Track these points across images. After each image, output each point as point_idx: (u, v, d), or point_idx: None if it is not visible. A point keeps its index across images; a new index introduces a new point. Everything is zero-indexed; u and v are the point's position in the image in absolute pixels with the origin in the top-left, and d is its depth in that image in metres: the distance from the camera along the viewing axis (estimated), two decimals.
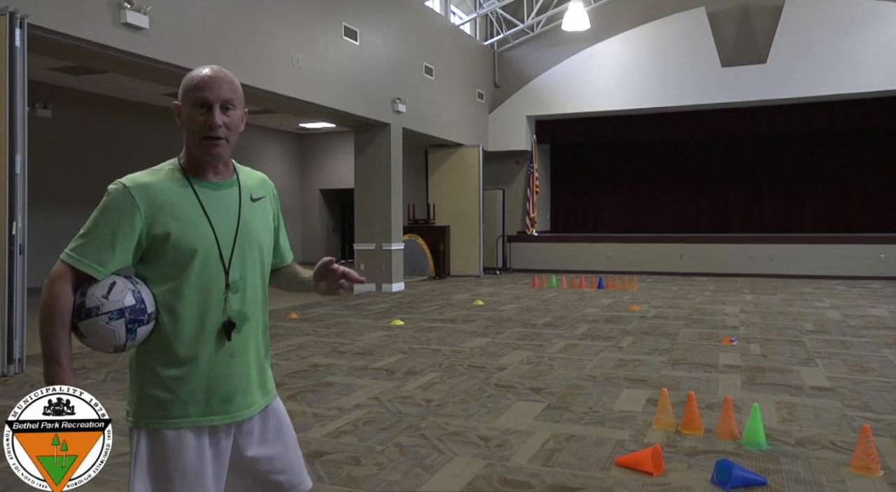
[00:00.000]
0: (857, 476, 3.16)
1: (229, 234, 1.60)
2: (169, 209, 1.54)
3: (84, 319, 1.48)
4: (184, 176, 1.60)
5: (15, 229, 5.35)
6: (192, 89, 1.56)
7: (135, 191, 1.53)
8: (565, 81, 15.02)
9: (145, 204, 1.53)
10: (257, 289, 1.66)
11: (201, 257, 1.55)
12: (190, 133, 1.58)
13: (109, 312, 1.48)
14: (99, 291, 1.49)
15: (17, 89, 5.37)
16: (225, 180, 1.64)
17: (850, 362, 5.68)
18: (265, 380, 1.71)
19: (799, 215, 15.46)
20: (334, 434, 3.85)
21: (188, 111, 1.57)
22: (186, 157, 1.62)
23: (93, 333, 1.49)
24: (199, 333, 1.55)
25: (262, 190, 1.74)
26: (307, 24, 9.38)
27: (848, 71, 12.84)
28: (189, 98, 1.57)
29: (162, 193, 1.55)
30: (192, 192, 1.58)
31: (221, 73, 1.59)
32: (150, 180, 1.56)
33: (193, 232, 1.55)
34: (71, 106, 11.80)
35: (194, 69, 1.62)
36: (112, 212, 1.52)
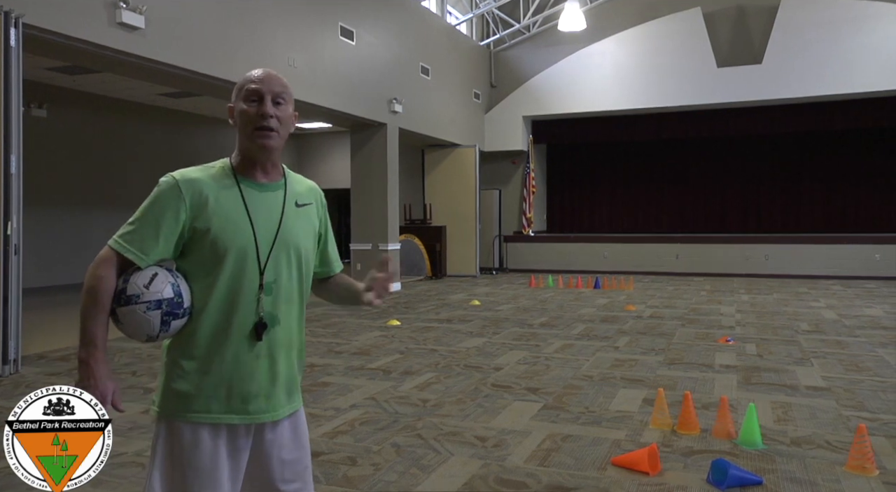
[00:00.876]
0: (853, 475, 3.17)
1: (268, 235, 1.62)
2: (213, 205, 1.58)
3: (123, 305, 1.51)
4: (232, 175, 1.64)
5: (10, 230, 5.32)
6: (245, 84, 1.63)
7: (183, 184, 1.57)
8: (562, 82, 15.03)
9: (191, 198, 1.57)
10: (292, 294, 1.66)
11: (237, 255, 1.57)
12: (242, 127, 1.62)
13: (148, 302, 1.50)
14: (141, 280, 1.52)
15: (12, 89, 5.35)
16: (272, 182, 1.67)
17: (845, 362, 5.69)
18: (292, 388, 1.70)
19: (795, 215, 15.50)
20: (331, 434, 3.85)
21: (240, 106, 1.62)
22: (238, 155, 1.66)
23: (129, 320, 1.51)
24: (227, 329, 1.57)
25: (308, 197, 1.76)
26: (303, 24, 9.37)
27: (843, 71, 12.88)
28: (241, 94, 1.62)
29: (208, 189, 1.59)
30: (237, 191, 1.61)
31: (273, 72, 1.66)
32: (199, 176, 1.60)
33: (233, 229, 1.58)
34: (66, 106, 11.75)
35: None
36: (160, 203, 1.56)
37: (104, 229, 12.41)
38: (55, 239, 11.66)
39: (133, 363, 5.79)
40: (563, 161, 17.27)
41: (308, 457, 1.74)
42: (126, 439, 3.76)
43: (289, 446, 1.68)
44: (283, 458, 1.66)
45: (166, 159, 13.51)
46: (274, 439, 1.65)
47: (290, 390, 1.68)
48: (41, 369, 5.55)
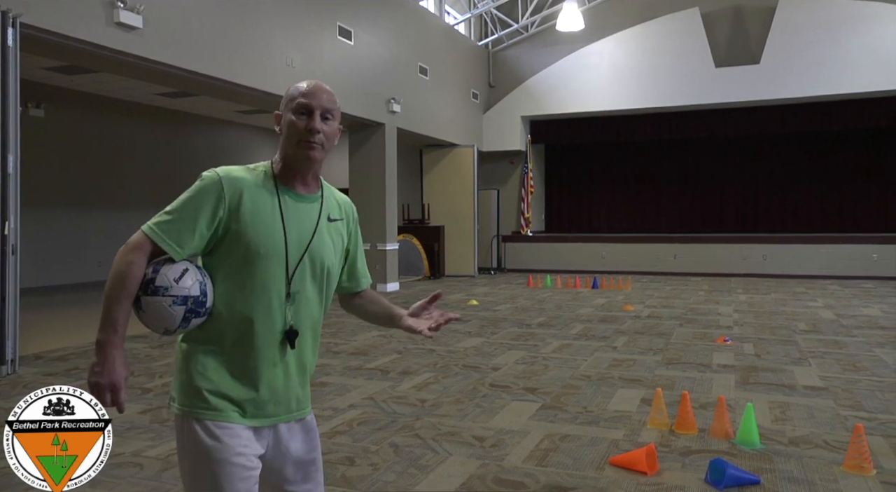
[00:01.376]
0: (850, 475, 3.17)
1: (299, 246, 1.63)
2: (251, 207, 1.58)
3: (150, 294, 1.50)
4: (273, 181, 1.64)
5: (7, 230, 5.32)
6: (296, 97, 1.63)
7: (226, 181, 1.57)
8: (560, 82, 15.04)
9: (231, 196, 1.57)
10: (312, 307, 1.69)
11: (267, 261, 1.57)
12: (288, 137, 1.63)
13: (175, 297, 1.50)
14: (172, 273, 1.51)
15: (10, 89, 5.34)
16: (310, 194, 1.69)
17: (842, 362, 5.70)
18: (303, 395, 1.72)
19: (792, 215, 15.52)
20: (329, 434, 3.85)
21: (290, 117, 1.63)
22: (280, 162, 1.67)
23: (153, 310, 1.51)
24: (251, 334, 1.57)
25: (341, 212, 1.79)
26: (302, 24, 9.36)
27: (841, 71, 12.90)
28: (292, 105, 1.64)
29: (249, 190, 1.59)
30: (276, 198, 1.62)
31: (324, 86, 1.68)
32: (242, 176, 1.61)
33: (267, 235, 1.58)
34: (64, 106, 11.74)
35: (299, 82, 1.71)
36: (201, 196, 1.55)
37: (102, 229, 12.44)
38: (53, 239, 11.65)
39: (130, 363, 5.78)
40: (562, 161, 17.27)
41: (320, 459, 1.77)
42: (123, 439, 3.76)
43: (301, 448, 1.70)
44: (296, 460, 1.68)
45: (164, 159, 13.50)
46: (288, 441, 1.67)
47: (302, 396, 1.71)
48: (38, 370, 5.55)
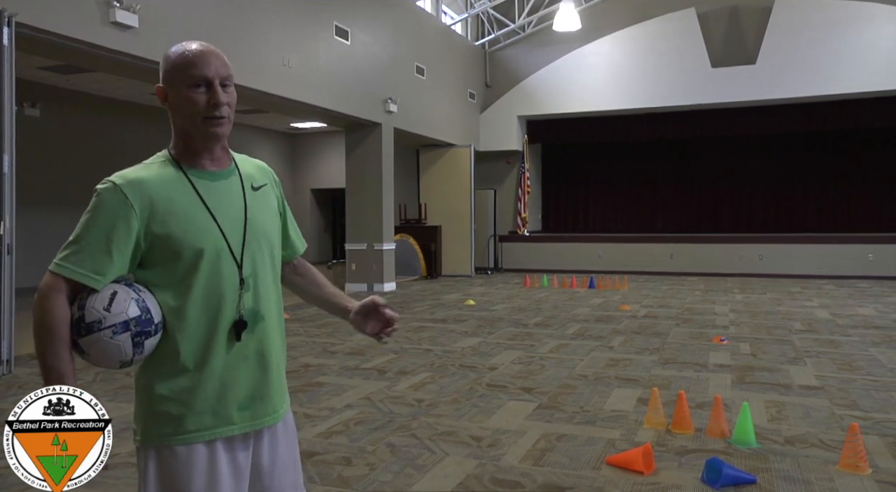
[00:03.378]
0: (846, 474, 3.18)
1: (237, 227, 1.48)
2: (166, 206, 1.41)
3: (85, 335, 1.35)
4: (177, 167, 1.47)
5: (3, 229, 5.30)
6: (186, 67, 1.43)
7: (126, 189, 1.39)
8: (556, 82, 15.05)
9: (139, 202, 1.40)
10: (269, 286, 1.54)
11: (210, 256, 1.43)
12: (186, 116, 1.44)
13: (113, 326, 1.35)
14: (99, 303, 1.36)
15: (5, 88, 5.33)
16: (223, 169, 1.52)
17: (838, 361, 5.72)
18: (283, 384, 1.59)
19: (788, 215, 15.56)
20: (325, 435, 3.84)
21: (183, 92, 1.43)
22: (179, 145, 1.49)
23: (96, 349, 1.36)
24: (212, 337, 1.43)
25: (262, 177, 1.61)
26: (298, 24, 9.35)
27: (837, 72, 12.94)
28: (183, 77, 1.43)
29: (156, 188, 1.42)
30: (188, 184, 1.45)
31: (211, 47, 1.48)
32: (141, 176, 1.43)
33: (197, 229, 1.43)
34: (59, 105, 11.71)
35: (176, 46, 1.47)
36: (104, 214, 1.38)
37: None
38: (48, 239, 11.59)
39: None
40: (558, 161, 17.29)
41: (299, 458, 1.66)
42: (120, 439, 3.75)
43: (285, 449, 1.58)
44: (282, 462, 1.56)
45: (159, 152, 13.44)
46: (273, 443, 1.55)
47: (282, 386, 1.58)
48: (34, 370, 5.53)
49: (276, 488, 1.55)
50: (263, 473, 1.53)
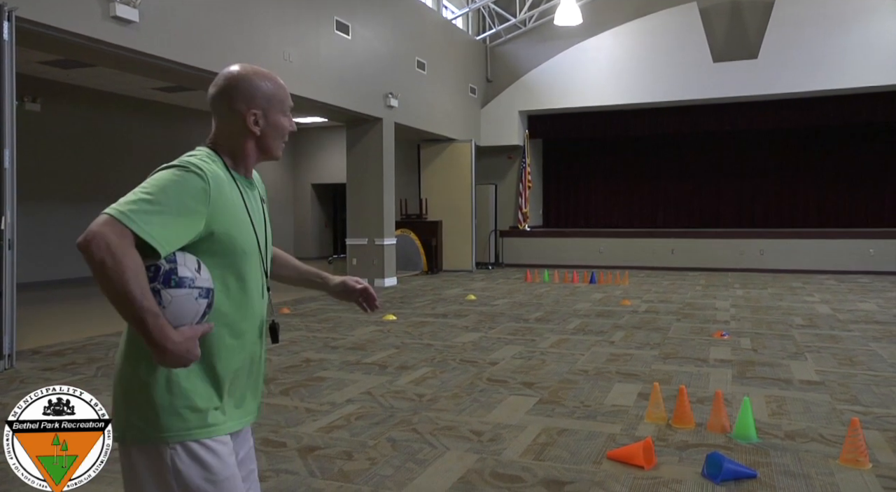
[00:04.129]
0: (846, 469, 3.19)
1: (263, 235, 1.61)
2: (228, 204, 1.47)
3: (175, 287, 1.34)
4: (227, 171, 1.54)
5: (3, 224, 5.30)
6: (284, 98, 1.60)
7: (209, 178, 1.43)
8: (557, 76, 15.02)
9: (214, 194, 1.43)
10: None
11: (248, 259, 1.52)
12: (275, 139, 1.60)
13: (201, 289, 1.38)
14: (190, 263, 1.38)
15: (6, 83, 5.32)
16: (252, 180, 1.65)
17: (839, 356, 5.72)
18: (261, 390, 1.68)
19: (789, 210, 15.54)
20: (326, 429, 3.85)
21: (278, 119, 1.59)
22: (232, 153, 1.57)
23: (178, 303, 1.34)
24: (242, 334, 1.52)
25: (263, 190, 1.75)
26: (298, 19, 9.33)
27: (838, 66, 12.90)
28: (281, 107, 1.60)
29: (223, 185, 1.48)
30: (237, 190, 1.53)
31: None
32: (215, 170, 1.48)
33: (245, 232, 1.52)
34: (60, 100, 11.69)
35: (256, 74, 1.58)
36: (187, 190, 1.38)
37: None
38: (49, 234, 11.62)
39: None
40: (559, 156, 17.26)
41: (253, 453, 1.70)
42: None
43: (247, 443, 1.65)
44: (246, 456, 1.63)
45: (160, 154, 13.43)
46: (244, 438, 1.63)
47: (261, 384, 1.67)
48: (36, 365, 5.54)
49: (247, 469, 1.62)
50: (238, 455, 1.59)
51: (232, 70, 1.59)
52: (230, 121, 1.56)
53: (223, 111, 1.56)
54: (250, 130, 1.55)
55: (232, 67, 1.60)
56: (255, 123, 1.56)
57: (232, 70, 1.59)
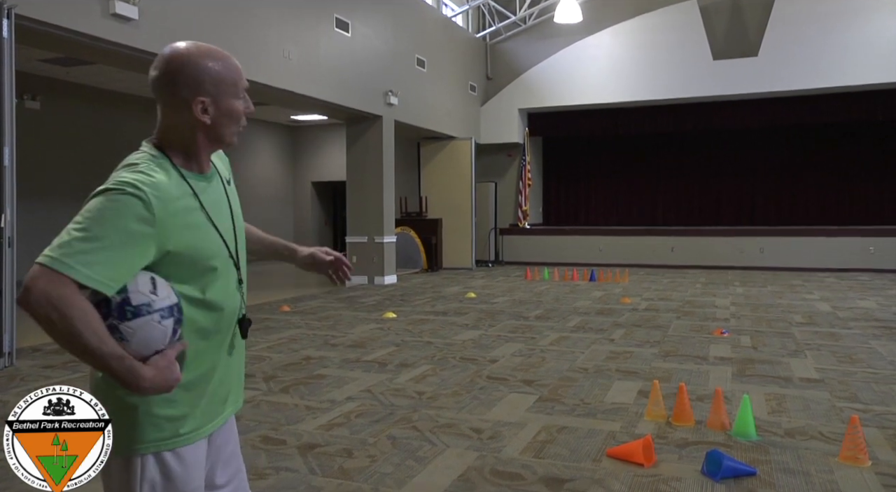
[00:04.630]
0: (846, 466, 3.19)
1: (229, 229, 1.48)
2: (176, 219, 1.32)
3: (132, 318, 1.24)
4: (177, 171, 1.39)
5: (3, 222, 5.30)
6: (236, 79, 1.43)
7: (149, 195, 1.28)
8: (557, 74, 15.01)
9: (161, 211, 1.29)
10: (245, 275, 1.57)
11: (215, 266, 1.41)
12: (228, 127, 1.43)
13: (161, 310, 1.27)
14: (143, 286, 1.27)
15: (5, 81, 5.32)
16: (210, 170, 1.49)
17: (838, 354, 5.72)
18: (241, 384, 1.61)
19: (789, 208, 15.54)
20: (326, 427, 3.85)
21: (232, 103, 1.42)
22: (179, 148, 1.42)
23: (142, 334, 1.25)
24: (215, 335, 1.43)
25: (226, 168, 1.61)
26: (298, 16, 9.32)
27: (839, 64, 12.89)
28: (233, 90, 1.43)
29: (172, 197, 1.33)
30: (190, 191, 1.38)
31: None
32: (159, 180, 1.33)
33: (208, 239, 1.39)
34: (60, 98, 11.68)
35: (204, 54, 1.40)
36: (123, 218, 1.25)
37: None
38: (49, 231, 11.58)
39: None
40: (559, 154, 17.26)
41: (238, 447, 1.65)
42: None
43: (232, 438, 1.59)
44: (230, 452, 1.57)
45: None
46: (227, 434, 1.56)
47: (243, 373, 1.60)
48: (36, 362, 5.55)
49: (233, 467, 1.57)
50: (222, 453, 1.54)
51: (173, 50, 1.39)
52: (175, 111, 1.40)
53: (167, 100, 1.40)
54: (199, 120, 1.39)
55: (174, 46, 1.40)
56: (203, 111, 1.39)
57: (173, 50, 1.39)
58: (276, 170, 17.34)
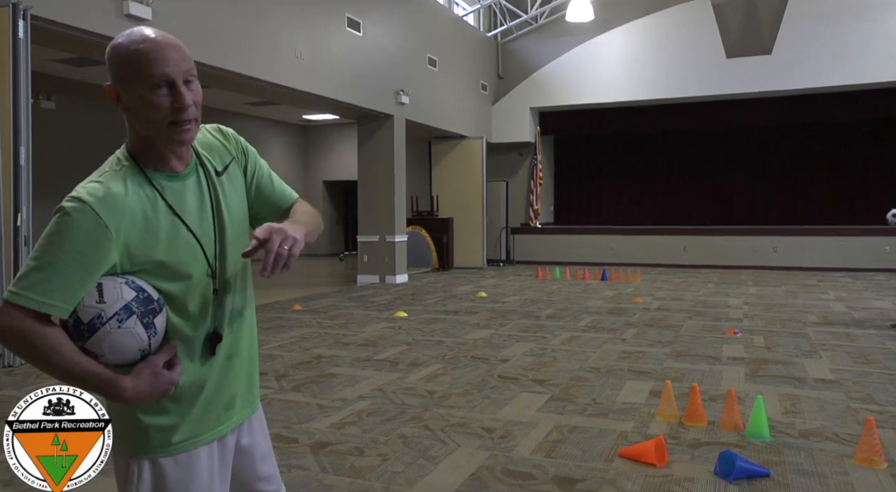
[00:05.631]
0: (861, 468, 3.16)
1: (208, 232, 1.36)
2: (144, 226, 1.27)
3: (90, 336, 1.22)
4: (143, 175, 1.30)
5: (20, 221, 5.36)
6: (142, 64, 1.23)
7: (99, 208, 1.22)
8: (569, 73, 14.96)
9: (115, 223, 1.23)
10: (244, 278, 1.47)
11: (183, 275, 1.33)
12: (148, 120, 1.28)
13: (116, 314, 1.22)
14: (89, 299, 1.22)
15: (21, 81, 5.37)
16: (188, 166, 1.37)
17: (854, 355, 5.67)
18: (256, 373, 1.56)
19: (804, 207, 15.40)
20: (338, 425, 3.86)
21: (142, 93, 1.25)
22: (140, 147, 1.33)
23: (108, 345, 1.23)
24: (193, 348, 1.37)
25: (223, 154, 1.45)
26: (310, 16, 9.35)
27: (854, 62, 12.76)
28: (140, 76, 1.24)
29: (131, 205, 1.25)
30: (157, 194, 1.30)
31: (167, 36, 1.27)
32: (113, 191, 1.25)
33: (172, 251, 1.30)
34: (74, 98, 11.79)
35: (122, 35, 1.26)
36: (74, 238, 1.20)
37: None
38: None
39: None
40: (571, 153, 17.20)
41: (269, 436, 1.63)
42: None
43: (262, 439, 1.56)
44: (260, 454, 1.55)
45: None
46: (250, 435, 1.53)
47: (256, 374, 1.54)
48: None
49: (261, 472, 1.55)
50: (245, 457, 1.52)
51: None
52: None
53: None
54: (124, 113, 1.30)
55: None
56: (117, 100, 1.29)
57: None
58: (287, 169, 17.41)
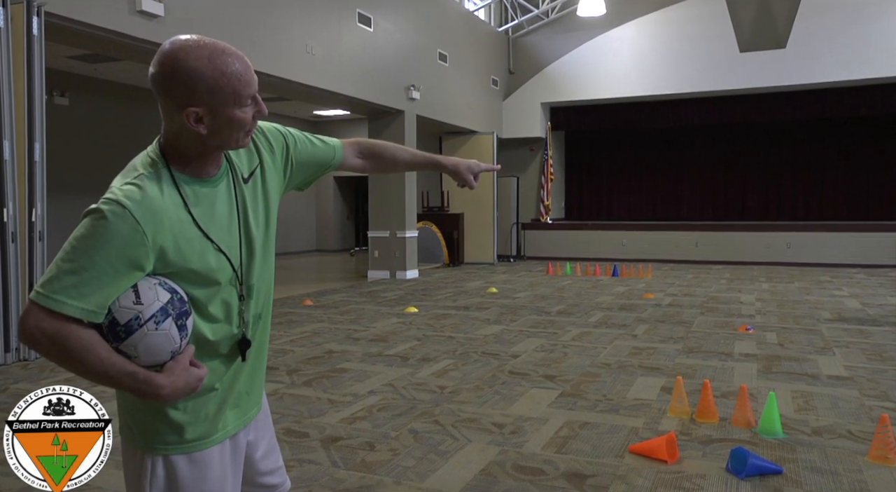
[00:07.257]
0: (875, 466, 3.14)
1: (236, 242, 1.36)
2: (179, 232, 1.26)
3: (126, 337, 1.21)
4: (173, 178, 1.28)
5: (34, 217, 5.41)
6: (237, 86, 1.24)
7: (138, 213, 1.20)
8: (580, 68, 14.89)
9: (152, 229, 1.22)
10: (269, 279, 1.48)
11: (210, 282, 1.33)
12: (227, 137, 1.29)
13: (153, 316, 1.21)
14: (126, 300, 1.22)
15: (35, 78, 5.41)
16: (220, 168, 1.37)
17: (868, 351, 5.62)
18: (264, 373, 1.57)
19: (817, 203, 15.27)
20: (349, 420, 3.88)
21: (234, 114, 1.26)
22: (179, 151, 1.31)
23: (144, 347, 1.22)
24: (216, 351, 1.38)
25: (251, 157, 1.44)
26: (321, 11, 9.35)
27: (869, 56, 12.61)
28: (236, 99, 1.25)
29: (167, 211, 1.25)
30: (182, 203, 1.28)
31: (236, 50, 1.28)
32: (150, 195, 1.23)
33: (207, 256, 1.30)
34: (88, 94, 11.87)
35: (192, 56, 1.22)
36: (111, 241, 1.18)
37: None
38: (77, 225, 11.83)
39: None
40: (582, 148, 17.14)
41: (275, 438, 1.64)
42: None
43: (266, 433, 1.57)
44: (265, 448, 1.56)
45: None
46: (256, 430, 1.54)
47: (264, 375, 1.55)
48: None
49: (266, 466, 1.56)
50: (252, 455, 1.54)
51: (171, 47, 1.23)
52: (169, 115, 1.27)
53: (162, 102, 1.26)
54: (194, 130, 1.25)
55: (174, 41, 1.24)
56: (196, 121, 1.25)
57: (171, 47, 1.23)
58: None
